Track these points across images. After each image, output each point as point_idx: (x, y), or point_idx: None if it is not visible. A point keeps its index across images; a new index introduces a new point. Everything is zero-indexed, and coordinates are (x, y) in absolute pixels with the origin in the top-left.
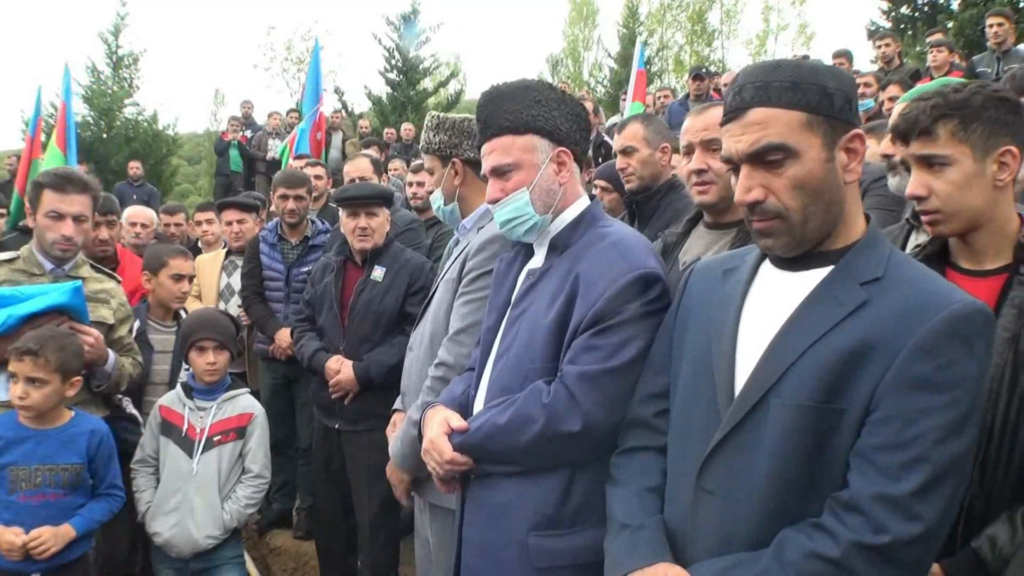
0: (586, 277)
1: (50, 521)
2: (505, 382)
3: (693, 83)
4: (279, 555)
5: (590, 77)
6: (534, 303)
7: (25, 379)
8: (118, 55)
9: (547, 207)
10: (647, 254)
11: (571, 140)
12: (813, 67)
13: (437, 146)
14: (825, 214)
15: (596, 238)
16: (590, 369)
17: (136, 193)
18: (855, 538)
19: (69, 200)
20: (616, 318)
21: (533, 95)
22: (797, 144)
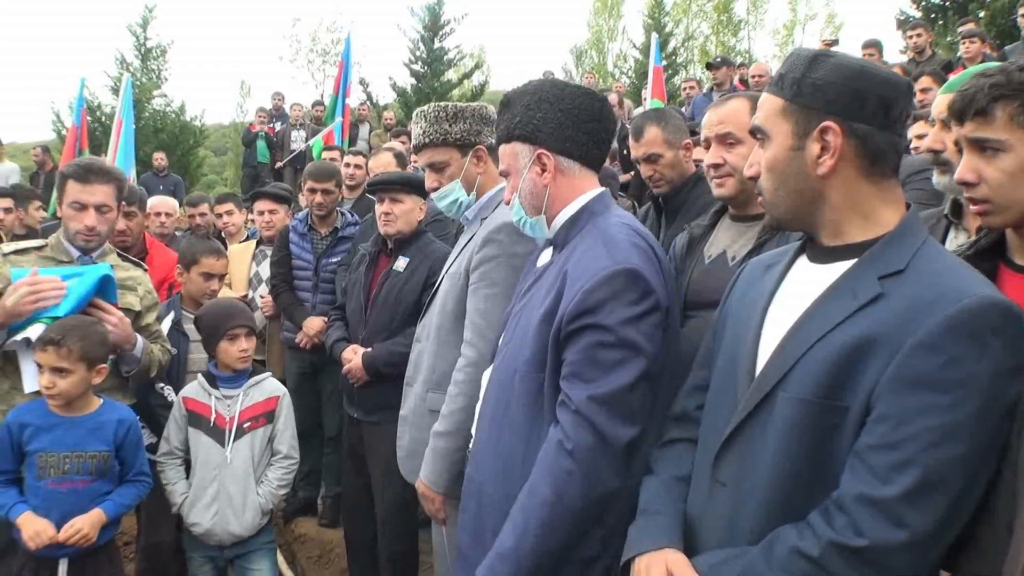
0: (571, 273)
1: (78, 507)
2: (500, 376)
3: (710, 73)
4: (304, 542)
5: (615, 68)
6: (533, 298)
7: (50, 369)
8: (146, 47)
9: (536, 208)
10: (632, 250)
11: (558, 138)
12: (806, 56)
13: (458, 135)
14: (795, 200)
15: (589, 233)
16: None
17: (162, 183)
18: (835, 538)
19: (91, 190)
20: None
21: (526, 100)
22: (770, 129)
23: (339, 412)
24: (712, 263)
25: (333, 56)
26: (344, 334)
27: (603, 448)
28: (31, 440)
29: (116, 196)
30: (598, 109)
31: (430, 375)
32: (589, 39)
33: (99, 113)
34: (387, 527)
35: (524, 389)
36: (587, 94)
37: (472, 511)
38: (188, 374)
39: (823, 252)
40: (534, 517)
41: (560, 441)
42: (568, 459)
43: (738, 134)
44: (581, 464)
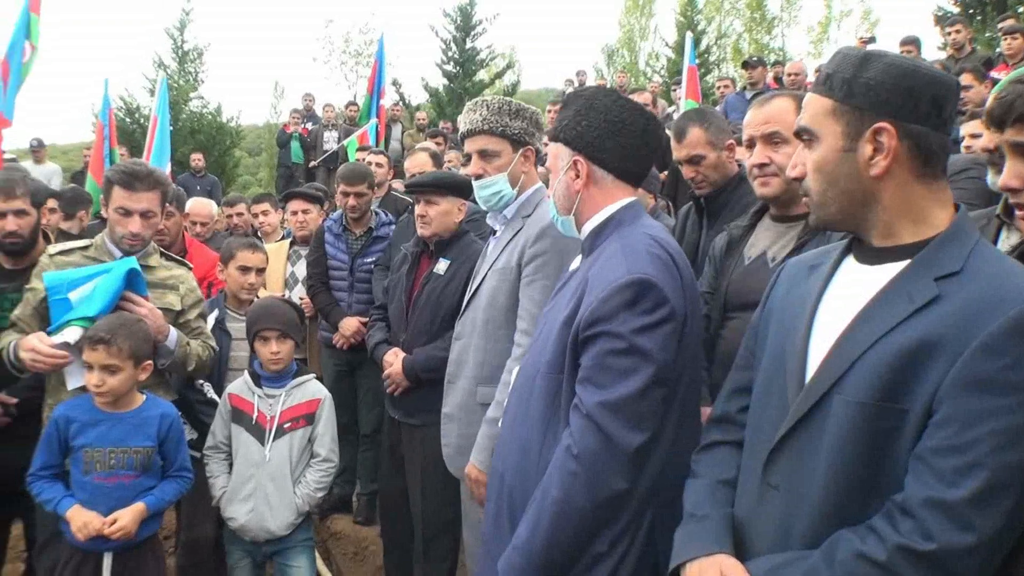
0: (592, 280)
1: (123, 502)
2: (525, 374)
3: (746, 72)
4: (340, 539)
5: (646, 67)
6: (559, 301)
7: (100, 367)
8: (183, 50)
9: (567, 209)
10: (648, 260)
11: (597, 148)
12: (855, 56)
13: (515, 131)
14: (845, 201)
15: (613, 243)
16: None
17: (199, 184)
18: (902, 542)
19: (136, 198)
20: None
21: (580, 104)
22: (818, 130)
23: (375, 410)
24: (752, 264)
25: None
26: (386, 336)
27: (609, 452)
28: (77, 435)
29: (160, 201)
30: (642, 125)
31: (479, 370)
32: (620, 38)
33: (138, 115)
34: (424, 527)
35: (544, 388)
36: (636, 110)
37: (494, 501)
38: (230, 371)
39: (873, 253)
40: (545, 515)
41: (568, 446)
42: (574, 462)
43: (784, 133)
44: (586, 467)
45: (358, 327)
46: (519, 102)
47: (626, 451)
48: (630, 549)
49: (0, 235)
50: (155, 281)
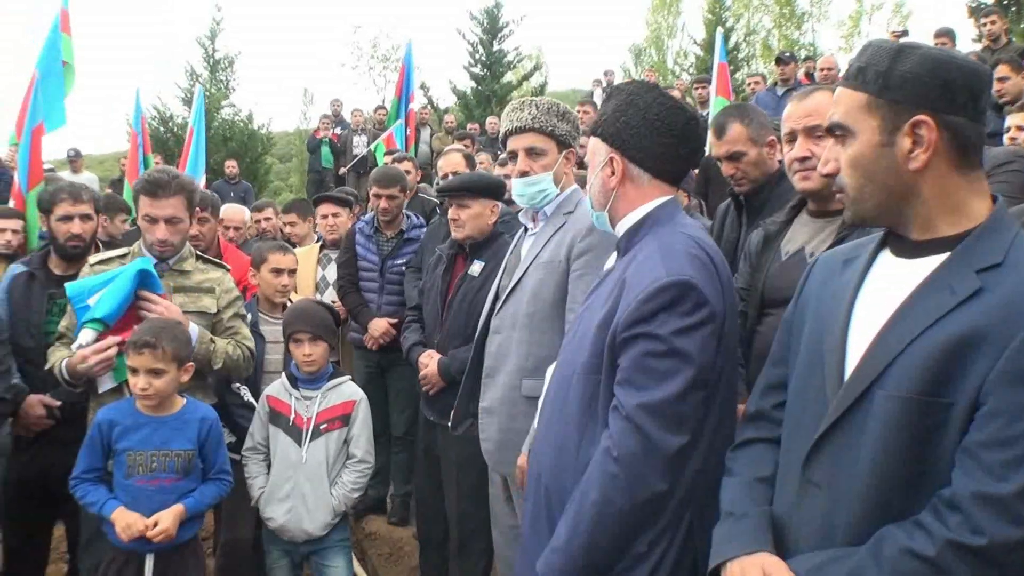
0: (629, 281)
1: (165, 505)
2: (561, 374)
3: (778, 68)
4: (375, 540)
5: (675, 65)
6: (595, 301)
7: (145, 371)
8: (215, 59)
9: (601, 205)
10: (688, 261)
11: (634, 146)
12: (889, 49)
13: (562, 132)
14: (883, 196)
15: (649, 243)
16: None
17: (232, 190)
18: (952, 537)
19: (160, 204)
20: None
21: (620, 99)
22: (853, 124)
23: (406, 412)
24: (790, 260)
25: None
26: (420, 338)
27: (649, 454)
28: (120, 439)
29: (187, 206)
30: (682, 125)
31: (523, 363)
32: (648, 37)
33: (171, 124)
34: (459, 527)
35: (581, 389)
36: (677, 108)
37: (531, 502)
38: (265, 374)
39: (910, 247)
40: (584, 517)
41: (608, 448)
42: (614, 464)
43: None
44: (626, 469)
45: (387, 328)
46: (565, 105)
47: (666, 453)
48: (669, 549)
49: (65, 237)
50: (191, 285)
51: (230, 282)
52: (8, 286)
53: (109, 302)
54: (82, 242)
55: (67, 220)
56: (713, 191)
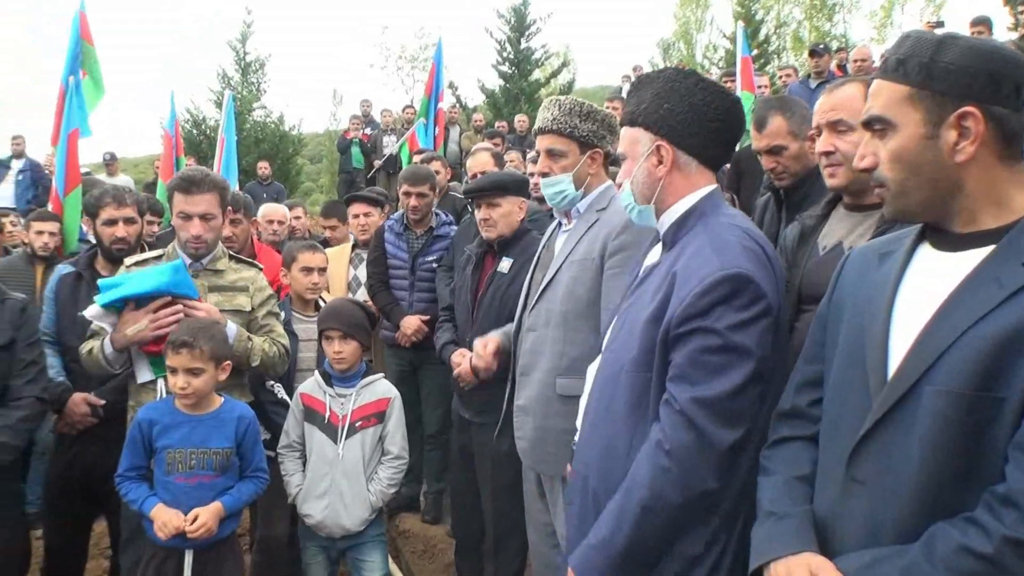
0: (681, 276)
1: (204, 502)
2: (606, 373)
3: (811, 60)
4: (408, 538)
5: (704, 59)
6: (641, 297)
7: (184, 370)
8: (246, 61)
9: (646, 198)
10: (743, 254)
11: (682, 133)
12: (930, 40)
13: (584, 133)
14: (928, 190)
15: (699, 234)
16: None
17: (265, 192)
18: (1009, 534)
19: (194, 201)
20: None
21: (658, 87)
22: (895, 117)
23: (439, 410)
24: (827, 255)
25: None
26: (453, 336)
27: (702, 449)
28: (159, 437)
29: (220, 203)
30: (726, 109)
31: (557, 361)
32: (676, 31)
33: (204, 126)
34: (495, 524)
35: (629, 387)
36: (719, 92)
37: (577, 505)
38: (298, 372)
39: (952, 240)
40: (629, 512)
41: (659, 440)
42: (666, 458)
43: (850, 120)
44: (679, 463)
45: (420, 325)
46: (592, 104)
47: (720, 449)
48: (726, 548)
49: (110, 241)
50: (225, 284)
51: (263, 281)
52: (56, 286)
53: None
54: (127, 245)
55: (111, 224)
56: (745, 185)
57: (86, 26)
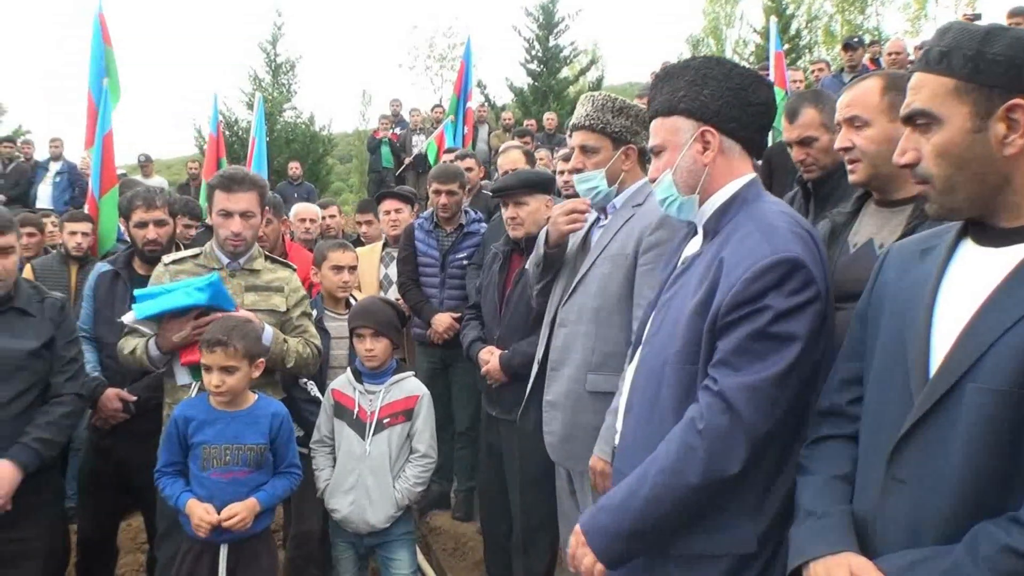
0: (728, 262)
1: (237, 497)
2: (648, 368)
3: (845, 54)
4: (439, 535)
5: (734, 54)
6: (682, 288)
7: (219, 368)
8: (276, 63)
9: (691, 188)
10: (792, 238)
11: (725, 117)
12: (976, 31)
13: (617, 129)
14: (976, 186)
15: (744, 221)
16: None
17: (296, 191)
18: None
19: (235, 198)
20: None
21: (691, 74)
22: (940, 111)
23: (469, 407)
24: (858, 252)
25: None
26: (480, 334)
27: (736, 433)
28: (195, 433)
29: (259, 202)
30: (765, 94)
31: (589, 357)
32: (706, 27)
33: (236, 128)
34: (523, 522)
35: (675, 381)
36: (755, 76)
37: None
38: (330, 369)
39: (996, 235)
40: (648, 483)
41: (694, 419)
42: (697, 437)
43: (864, 116)
44: (708, 444)
45: (451, 323)
46: (625, 100)
47: (754, 435)
48: (779, 550)
49: (142, 243)
50: (261, 284)
51: (297, 281)
52: (94, 284)
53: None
54: (158, 246)
55: (142, 226)
56: (777, 181)
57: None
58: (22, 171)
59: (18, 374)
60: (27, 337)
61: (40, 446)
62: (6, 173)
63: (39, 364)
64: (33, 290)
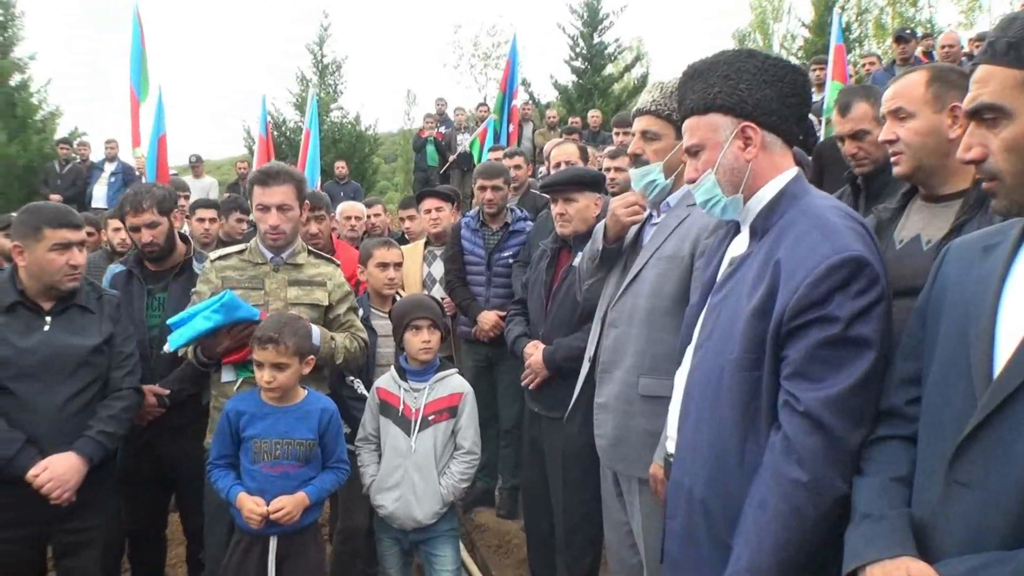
0: (786, 264)
1: (287, 491)
2: (705, 372)
3: (897, 46)
4: (483, 532)
5: (781, 49)
6: (734, 290)
7: (270, 365)
8: (323, 64)
9: (735, 186)
10: (852, 235)
11: (764, 111)
12: None
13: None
14: None
15: (796, 218)
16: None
17: (343, 190)
18: None
19: (271, 192)
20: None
21: (722, 69)
22: (1010, 105)
23: (515, 405)
24: (904, 248)
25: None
26: (524, 330)
27: (833, 453)
28: (247, 427)
29: (296, 195)
30: (801, 83)
31: (640, 360)
32: (752, 21)
33: (284, 128)
34: (565, 519)
35: (734, 389)
36: (789, 66)
37: (681, 518)
38: (377, 367)
39: None
40: (768, 533)
41: (786, 449)
42: (797, 468)
43: (909, 108)
44: (811, 472)
45: (497, 320)
46: None
47: (850, 450)
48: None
49: (140, 246)
50: (304, 279)
51: (341, 277)
52: (110, 285)
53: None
54: (156, 247)
55: (135, 231)
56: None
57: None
58: (78, 172)
59: (80, 370)
60: (89, 334)
61: (103, 439)
62: (63, 174)
63: (100, 360)
64: (90, 287)
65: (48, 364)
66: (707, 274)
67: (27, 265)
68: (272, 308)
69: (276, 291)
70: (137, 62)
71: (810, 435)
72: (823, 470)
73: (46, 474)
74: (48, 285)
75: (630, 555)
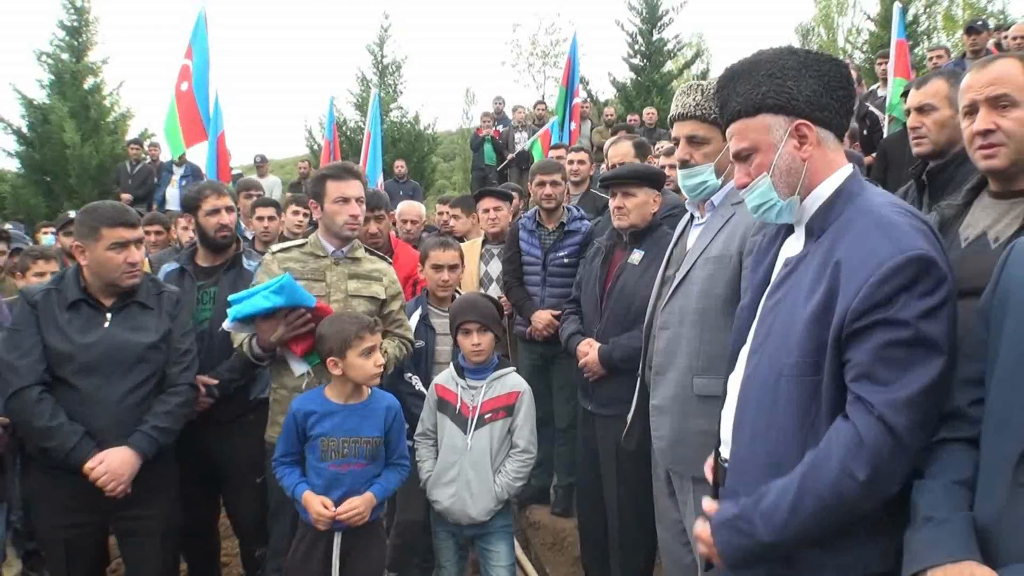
0: (848, 264)
1: (354, 488)
2: (761, 379)
3: (968, 38)
4: (538, 529)
5: (846, 43)
6: (791, 292)
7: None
8: (383, 64)
9: (792, 188)
10: (916, 234)
11: (815, 106)
12: None
13: None
14: None
15: (855, 217)
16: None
17: (402, 189)
18: None
19: (350, 185)
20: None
21: (765, 69)
22: None
23: (570, 403)
24: (970, 246)
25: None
26: (579, 327)
27: (899, 456)
28: (314, 426)
29: (364, 191)
30: (846, 76)
31: (694, 361)
32: (816, 15)
33: (344, 128)
34: (619, 518)
35: (794, 395)
36: (833, 59)
37: None
38: (435, 364)
39: None
40: (805, 504)
41: (858, 444)
42: (859, 464)
43: (1015, 96)
44: (874, 471)
45: (550, 319)
46: None
47: (912, 454)
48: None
49: (215, 229)
50: (362, 273)
51: (394, 274)
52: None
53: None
54: (229, 231)
55: (215, 213)
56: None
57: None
58: (148, 172)
59: (137, 366)
60: (147, 331)
61: (158, 434)
62: (133, 174)
63: (157, 356)
64: (152, 283)
65: (107, 360)
66: (758, 275)
67: (88, 264)
68: (333, 300)
69: (337, 283)
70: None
71: (880, 436)
72: (886, 472)
73: (101, 467)
74: (108, 283)
75: (684, 554)
